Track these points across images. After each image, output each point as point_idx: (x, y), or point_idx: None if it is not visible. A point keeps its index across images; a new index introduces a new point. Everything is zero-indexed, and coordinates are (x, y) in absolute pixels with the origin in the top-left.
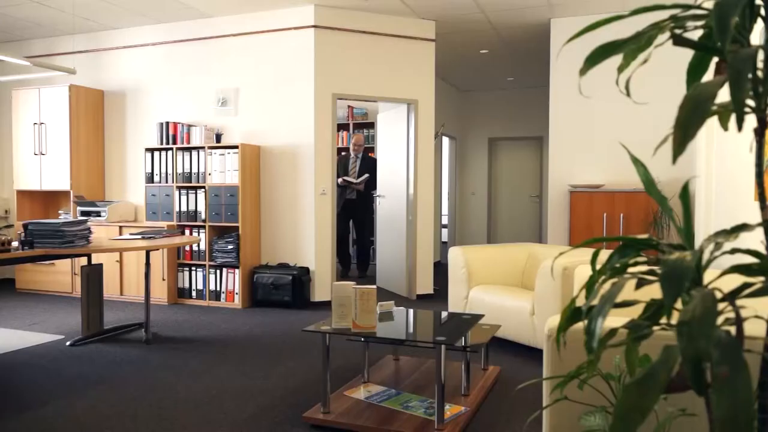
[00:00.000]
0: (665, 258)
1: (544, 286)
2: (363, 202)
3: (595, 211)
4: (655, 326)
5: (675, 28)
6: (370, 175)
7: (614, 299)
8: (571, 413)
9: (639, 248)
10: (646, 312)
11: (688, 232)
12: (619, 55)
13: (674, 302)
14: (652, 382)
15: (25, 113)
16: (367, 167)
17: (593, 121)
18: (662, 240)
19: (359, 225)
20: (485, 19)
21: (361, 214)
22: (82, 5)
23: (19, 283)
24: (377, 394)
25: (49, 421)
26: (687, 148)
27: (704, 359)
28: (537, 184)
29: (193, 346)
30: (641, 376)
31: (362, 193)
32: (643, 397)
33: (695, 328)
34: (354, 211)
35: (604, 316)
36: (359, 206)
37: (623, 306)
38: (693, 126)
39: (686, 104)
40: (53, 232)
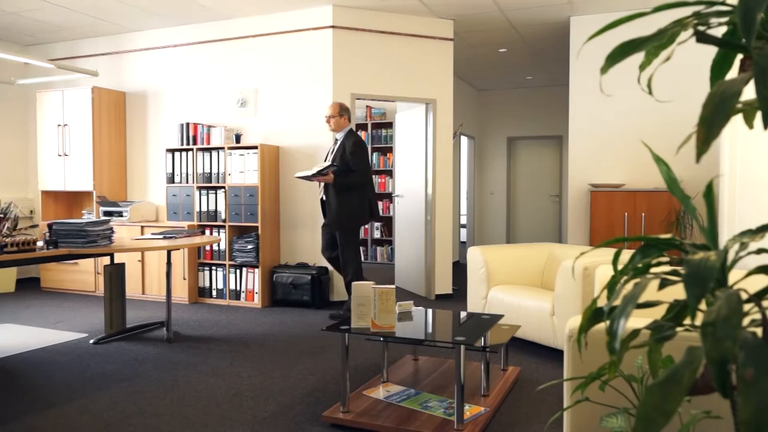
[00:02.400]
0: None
1: (564, 287)
2: (334, 207)
3: (616, 211)
4: (679, 327)
5: (698, 25)
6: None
7: (637, 300)
8: (592, 414)
9: (662, 248)
10: (669, 313)
11: (713, 232)
12: (640, 53)
13: (698, 303)
14: (675, 384)
15: (49, 115)
16: (343, 154)
17: (614, 119)
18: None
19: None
20: (504, 17)
21: (334, 225)
22: (104, 8)
23: (44, 281)
24: (396, 393)
25: (73, 417)
26: (710, 147)
27: (729, 361)
28: (556, 184)
29: (214, 345)
30: (664, 377)
31: (335, 193)
32: (666, 398)
33: (720, 329)
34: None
35: (627, 317)
36: (329, 212)
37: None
38: (717, 124)
39: (710, 102)
40: (77, 231)
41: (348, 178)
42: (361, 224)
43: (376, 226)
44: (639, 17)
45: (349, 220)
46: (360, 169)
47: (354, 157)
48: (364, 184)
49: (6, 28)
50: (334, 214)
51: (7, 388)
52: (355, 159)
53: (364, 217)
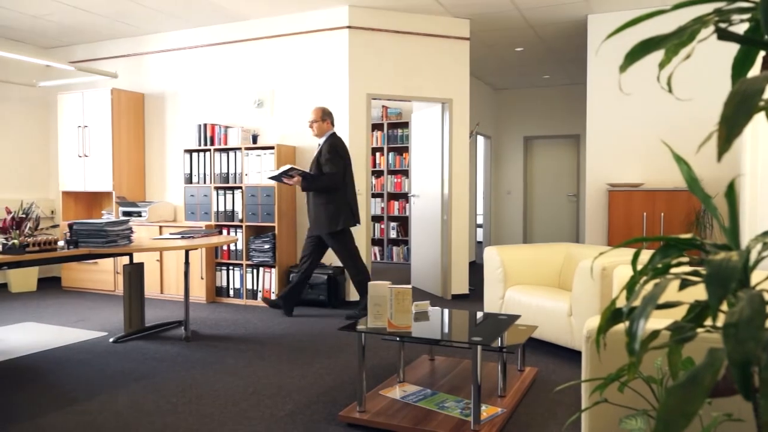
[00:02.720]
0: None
1: (582, 287)
2: (312, 210)
3: (635, 211)
4: (700, 328)
5: (719, 22)
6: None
7: (656, 300)
8: (610, 416)
9: (682, 248)
10: (690, 314)
11: (734, 232)
12: (660, 50)
13: (720, 304)
14: (696, 386)
15: (70, 116)
16: (318, 157)
17: (632, 118)
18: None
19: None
20: (520, 16)
21: (317, 231)
22: (123, 11)
23: (65, 281)
24: (413, 393)
25: (93, 414)
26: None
27: (752, 363)
28: (574, 183)
29: (231, 344)
30: (685, 379)
31: (312, 195)
32: (687, 400)
33: (743, 330)
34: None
35: (646, 318)
36: (310, 217)
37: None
38: (739, 122)
39: (732, 100)
40: (97, 231)
41: (316, 182)
42: (343, 226)
43: (392, 226)
44: (659, 15)
45: (329, 223)
46: (331, 172)
47: (326, 161)
48: (336, 187)
49: (28, 31)
50: (313, 218)
51: (30, 385)
52: (328, 163)
53: (344, 219)
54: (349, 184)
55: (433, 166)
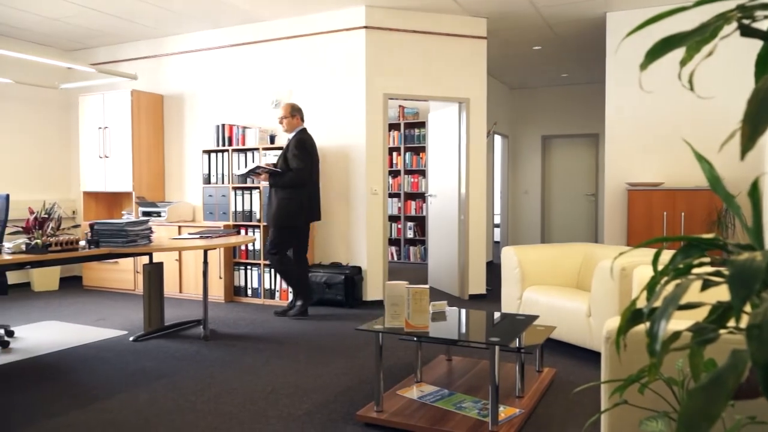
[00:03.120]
0: (733, 258)
1: (601, 287)
2: (274, 207)
3: (655, 210)
4: (722, 330)
5: (743, 18)
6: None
7: (678, 301)
8: (630, 418)
9: (704, 248)
10: (712, 315)
11: (758, 232)
12: (681, 48)
13: (743, 305)
14: (719, 388)
15: (91, 118)
16: (285, 152)
17: (652, 116)
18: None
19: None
20: (538, 14)
21: (270, 222)
22: (142, 13)
23: (86, 280)
24: (430, 394)
25: (114, 412)
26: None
27: None
28: (592, 183)
29: (249, 343)
30: (707, 381)
31: (275, 192)
32: (709, 403)
33: (767, 331)
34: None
35: (668, 319)
36: (269, 210)
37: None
38: (763, 120)
39: (755, 98)
40: (117, 231)
41: (283, 178)
42: (297, 223)
43: (409, 226)
44: (680, 11)
45: (287, 218)
46: (298, 168)
47: (293, 157)
48: (302, 184)
49: (49, 35)
50: (272, 211)
51: (52, 382)
52: (295, 159)
53: (302, 216)
54: (314, 181)
55: (450, 165)
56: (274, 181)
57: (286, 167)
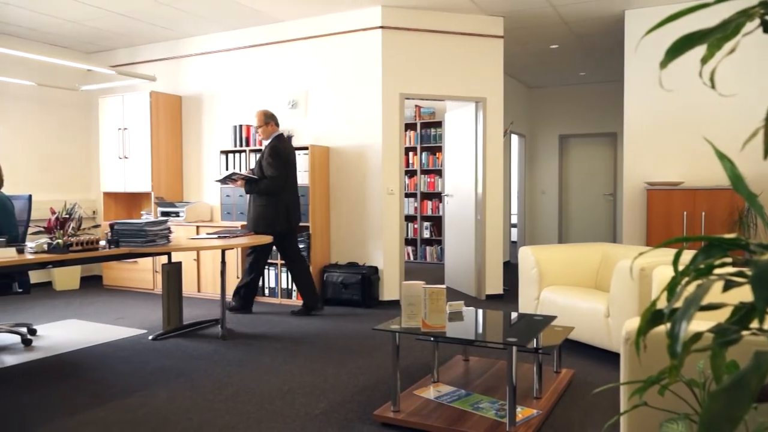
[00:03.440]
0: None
1: (620, 288)
2: (252, 211)
3: (674, 210)
4: (745, 331)
5: (765, 15)
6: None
7: (700, 302)
8: (650, 420)
9: (726, 248)
10: (734, 316)
11: None
12: (702, 45)
13: (767, 305)
14: (741, 390)
15: (110, 119)
16: (260, 159)
17: (671, 115)
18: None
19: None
20: (555, 13)
21: (250, 227)
22: (160, 15)
23: (106, 279)
24: (447, 394)
25: (134, 410)
26: None
27: None
28: (611, 182)
29: (266, 343)
30: (730, 383)
31: (252, 198)
32: (732, 405)
33: None
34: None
35: (689, 320)
36: (248, 215)
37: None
38: None
39: None
40: (137, 231)
41: (258, 185)
42: (276, 230)
43: (425, 225)
44: (702, 8)
45: (265, 225)
46: (272, 176)
47: (268, 165)
48: (277, 191)
49: (70, 37)
50: (252, 218)
51: (73, 380)
52: (269, 167)
53: (279, 224)
54: (290, 187)
55: (467, 165)
56: (249, 188)
57: (261, 174)
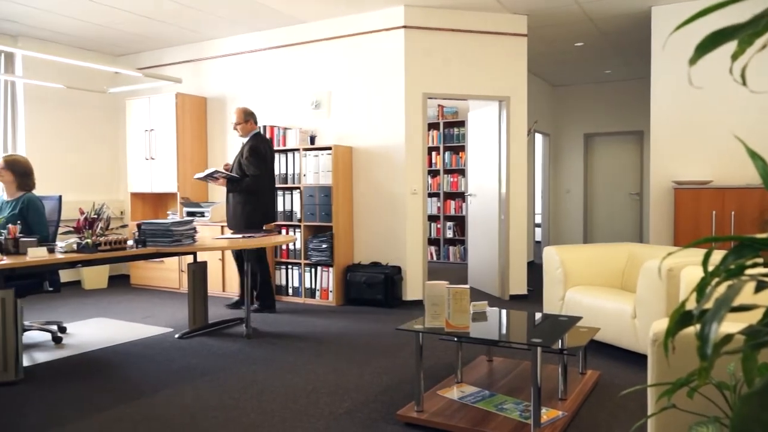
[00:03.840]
0: None
1: (647, 288)
2: (232, 209)
3: (703, 209)
4: None
5: None
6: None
7: (731, 303)
8: (678, 423)
9: (758, 248)
10: (766, 317)
11: None
12: (732, 41)
13: None
14: None
15: (137, 121)
16: (240, 157)
17: (700, 112)
18: None
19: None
20: (580, 10)
21: (232, 225)
22: (186, 17)
23: (134, 278)
24: (471, 394)
25: (161, 407)
26: None
27: None
28: (637, 181)
29: (290, 342)
30: (762, 386)
31: (232, 196)
32: (764, 409)
33: None
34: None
35: (720, 321)
36: (228, 214)
37: (740, 310)
38: None
39: None
40: (163, 231)
41: (240, 184)
42: (257, 228)
43: (448, 225)
44: (732, 3)
45: (247, 224)
46: (253, 174)
47: (248, 162)
48: (259, 189)
49: (98, 40)
50: (231, 216)
51: (101, 377)
52: (250, 164)
53: (258, 221)
54: (270, 185)
55: (490, 164)
56: (231, 186)
57: (242, 173)
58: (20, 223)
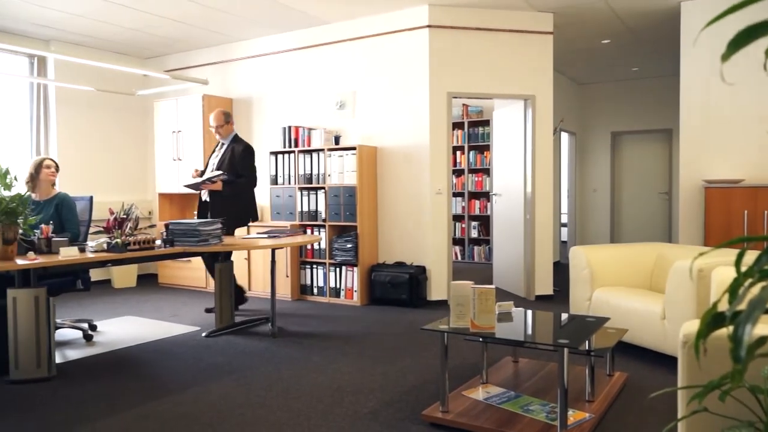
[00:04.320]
0: None
1: (677, 289)
2: (219, 209)
3: (734, 209)
4: None
5: None
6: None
7: (765, 304)
8: (710, 426)
9: None
10: None
11: None
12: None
13: None
14: None
15: (165, 122)
16: (231, 158)
17: (731, 109)
18: None
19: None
20: (607, 7)
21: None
22: (212, 19)
23: (161, 277)
24: (496, 395)
25: (188, 405)
26: None
27: None
28: (666, 180)
29: (316, 341)
30: None
31: (221, 195)
32: None
33: None
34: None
35: (754, 323)
36: (213, 214)
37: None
38: None
39: None
40: (190, 231)
41: (238, 186)
42: (242, 225)
43: (473, 225)
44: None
45: (236, 222)
46: (248, 175)
47: (244, 163)
48: (251, 188)
49: (127, 44)
50: (218, 215)
51: (130, 375)
52: (245, 165)
53: (247, 219)
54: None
55: (516, 164)
56: (231, 188)
57: (234, 172)
58: (51, 223)
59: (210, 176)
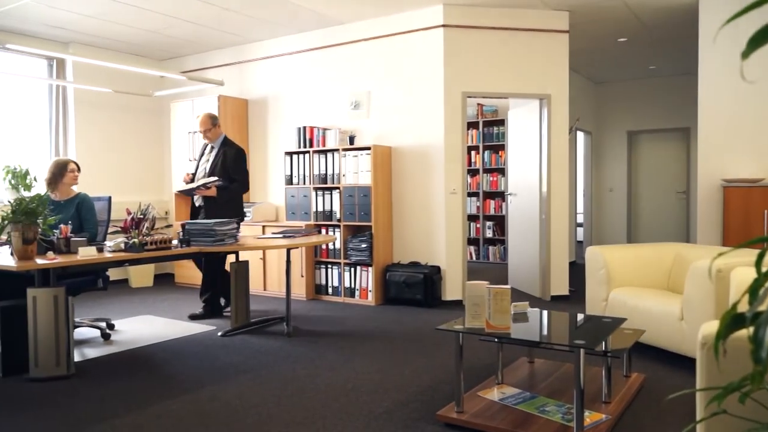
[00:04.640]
0: None
1: (695, 290)
2: (213, 213)
3: (754, 208)
4: None
5: None
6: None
7: None
8: (729, 429)
9: None
10: None
11: None
12: None
13: None
14: None
15: (181, 123)
16: (224, 162)
17: (750, 108)
18: None
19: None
20: (624, 5)
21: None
22: (228, 20)
23: (178, 277)
24: (512, 396)
25: (204, 403)
26: None
27: None
28: (683, 179)
29: (331, 341)
30: None
31: (214, 200)
32: None
33: None
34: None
35: None
36: (210, 214)
37: None
38: None
39: None
40: (206, 231)
41: (232, 191)
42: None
43: (488, 225)
44: None
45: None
46: (241, 179)
47: (237, 167)
48: (244, 192)
49: (145, 46)
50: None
51: (147, 373)
52: (238, 169)
53: (240, 219)
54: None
55: (531, 163)
56: (227, 193)
57: (227, 176)
58: (71, 223)
59: (204, 182)
